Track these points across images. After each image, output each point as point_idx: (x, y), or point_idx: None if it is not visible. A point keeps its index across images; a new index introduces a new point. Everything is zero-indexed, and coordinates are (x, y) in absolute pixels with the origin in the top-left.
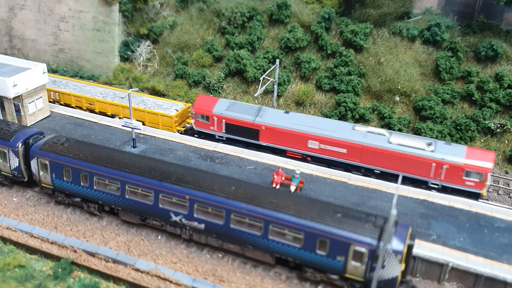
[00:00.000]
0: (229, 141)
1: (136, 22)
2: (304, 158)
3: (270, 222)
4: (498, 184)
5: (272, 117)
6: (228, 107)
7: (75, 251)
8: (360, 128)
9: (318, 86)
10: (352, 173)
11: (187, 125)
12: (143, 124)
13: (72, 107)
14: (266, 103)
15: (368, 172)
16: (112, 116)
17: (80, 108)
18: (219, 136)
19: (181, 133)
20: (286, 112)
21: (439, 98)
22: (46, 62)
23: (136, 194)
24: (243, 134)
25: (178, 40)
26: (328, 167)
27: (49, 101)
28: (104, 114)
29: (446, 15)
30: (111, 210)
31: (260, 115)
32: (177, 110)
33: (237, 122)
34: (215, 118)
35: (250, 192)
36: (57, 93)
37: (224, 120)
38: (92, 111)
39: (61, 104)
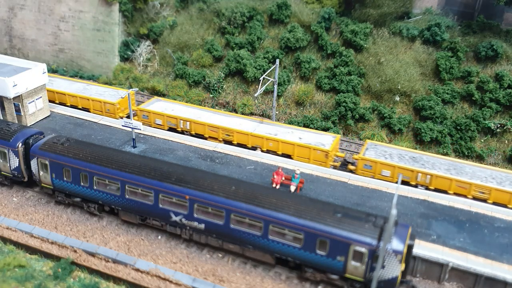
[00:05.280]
0: None
1: (136, 22)
2: None
3: (270, 222)
4: None
5: None
6: None
7: (75, 251)
8: None
9: (318, 86)
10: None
11: None
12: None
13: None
14: (266, 103)
15: None
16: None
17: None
18: None
19: None
20: None
21: (439, 98)
22: (46, 62)
23: (136, 194)
24: None
25: (178, 40)
26: None
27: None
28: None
29: (446, 15)
30: (111, 210)
31: None
32: None
33: None
34: None
35: (250, 192)
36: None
37: None
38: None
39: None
